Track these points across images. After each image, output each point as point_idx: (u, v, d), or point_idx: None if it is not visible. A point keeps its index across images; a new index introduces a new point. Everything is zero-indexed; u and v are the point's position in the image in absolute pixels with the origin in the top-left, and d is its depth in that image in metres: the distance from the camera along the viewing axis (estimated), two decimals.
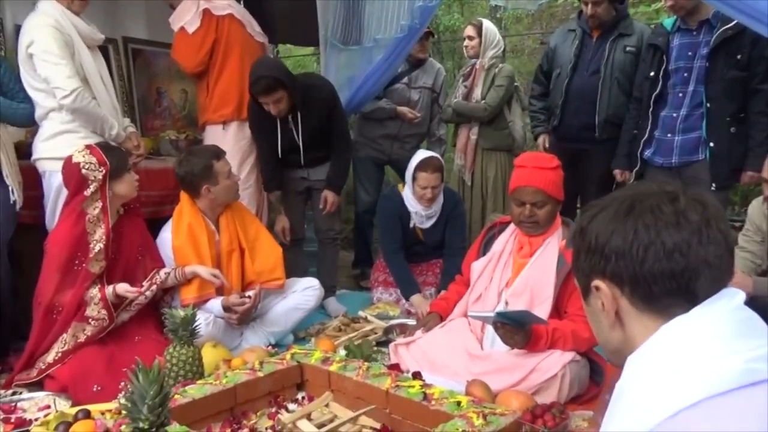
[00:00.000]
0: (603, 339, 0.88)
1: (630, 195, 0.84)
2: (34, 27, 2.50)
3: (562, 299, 2.21)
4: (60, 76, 2.47)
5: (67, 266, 2.34)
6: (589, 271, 0.85)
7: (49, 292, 2.33)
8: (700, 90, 2.80)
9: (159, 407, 1.35)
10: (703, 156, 2.82)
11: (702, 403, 0.67)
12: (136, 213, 2.63)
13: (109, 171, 2.37)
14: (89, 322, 2.33)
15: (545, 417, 1.81)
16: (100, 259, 2.37)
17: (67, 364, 2.26)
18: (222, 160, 2.69)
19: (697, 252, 0.77)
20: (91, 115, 2.57)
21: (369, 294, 3.51)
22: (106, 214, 2.38)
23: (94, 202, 2.37)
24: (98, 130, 2.62)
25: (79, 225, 2.35)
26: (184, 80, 3.91)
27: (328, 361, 2.08)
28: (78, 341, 2.31)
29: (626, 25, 3.24)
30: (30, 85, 2.56)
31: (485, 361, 2.19)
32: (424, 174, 3.10)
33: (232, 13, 3.14)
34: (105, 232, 2.37)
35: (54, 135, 2.56)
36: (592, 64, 3.25)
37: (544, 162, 2.26)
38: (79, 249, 2.35)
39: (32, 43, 2.47)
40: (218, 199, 2.70)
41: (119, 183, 2.41)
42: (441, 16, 7.40)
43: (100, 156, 2.37)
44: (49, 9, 2.54)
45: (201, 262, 2.62)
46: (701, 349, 0.72)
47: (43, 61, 2.47)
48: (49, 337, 2.33)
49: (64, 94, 2.48)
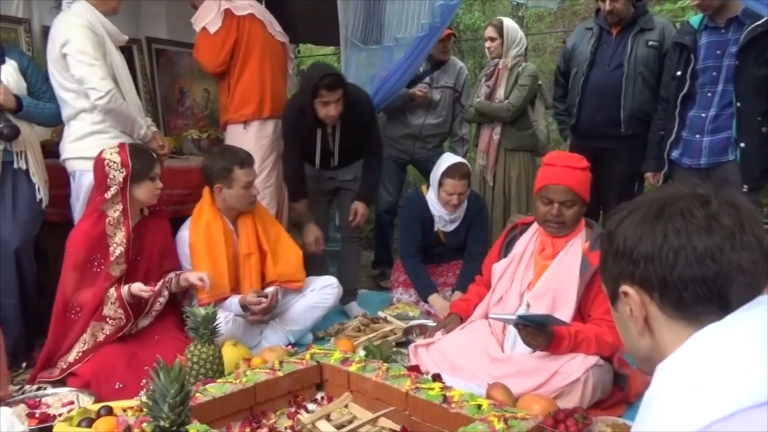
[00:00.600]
0: (632, 346, 0.86)
1: (660, 198, 0.82)
2: (68, 27, 2.52)
3: (586, 303, 2.17)
4: (95, 76, 2.49)
5: (84, 265, 2.35)
6: (617, 276, 0.83)
7: (67, 290, 2.36)
8: (730, 89, 2.74)
9: (180, 406, 1.35)
10: (733, 157, 2.76)
11: (736, 415, 0.65)
12: (161, 215, 2.64)
13: (130, 174, 2.37)
14: (107, 321, 2.35)
15: (567, 422, 1.79)
16: (121, 263, 2.38)
17: (89, 362, 2.29)
18: (245, 169, 2.67)
19: (729, 257, 0.75)
20: (123, 115, 2.60)
21: (389, 294, 3.50)
22: (127, 218, 2.39)
23: (115, 205, 2.38)
24: (128, 130, 2.65)
25: (99, 226, 2.37)
26: (206, 80, 3.95)
27: (348, 362, 2.08)
28: (97, 340, 2.34)
29: (646, 20, 3.22)
30: (61, 86, 2.57)
31: (506, 364, 2.16)
32: (451, 181, 3.09)
33: (253, 13, 3.15)
34: (125, 235, 2.38)
35: (84, 135, 2.59)
36: (614, 60, 3.22)
37: (574, 161, 2.23)
38: (98, 250, 2.36)
39: (67, 42, 2.48)
40: (228, 202, 2.70)
41: (138, 188, 2.41)
42: (462, 14, 7.37)
43: (125, 157, 2.38)
44: (81, 10, 2.56)
45: (215, 261, 2.63)
46: (735, 358, 0.69)
47: (78, 62, 2.49)
48: (69, 336, 2.36)
49: (99, 95, 2.50)
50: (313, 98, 2.92)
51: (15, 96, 2.48)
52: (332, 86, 2.89)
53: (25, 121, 2.53)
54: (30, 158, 2.53)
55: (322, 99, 2.92)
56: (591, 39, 3.29)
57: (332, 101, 2.92)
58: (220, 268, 2.64)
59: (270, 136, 3.23)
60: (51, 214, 2.72)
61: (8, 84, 2.48)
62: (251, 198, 2.74)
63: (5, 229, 2.48)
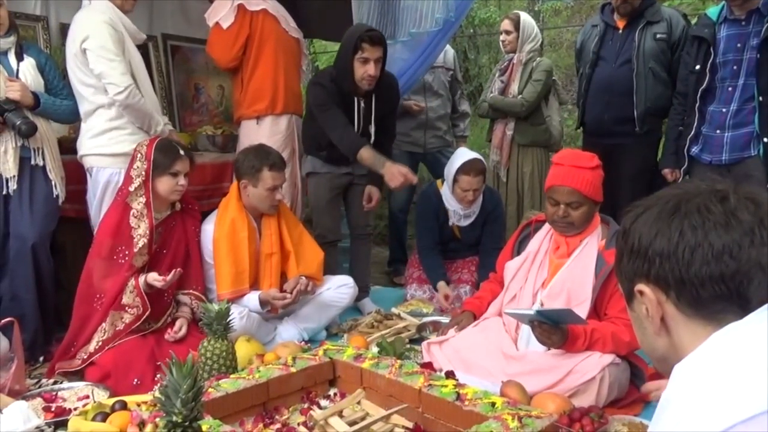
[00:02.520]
0: (648, 346, 0.84)
1: (676, 194, 0.80)
2: (89, 22, 2.54)
3: (601, 301, 2.14)
4: (115, 72, 2.52)
5: (109, 254, 2.39)
6: (633, 275, 0.81)
7: (92, 278, 2.40)
8: (751, 83, 2.67)
9: (192, 401, 1.35)
10: (755, 152, 2.69)
11: (758, 417, 0.62)
12: (193, 214, 2.66)
13: (151, 166, 2.40)
14: (126, 309, 2.37)
15: (583, 421, 1.77)
16: (144, 254, 2.41)
17: (109, 354, 2.31)
18: (274, 172, 2.66)
19: (749, 254, 0.73)
20: (141, 111, 2.62)
21: (402, 291, 3.49)
22: (150, 209, 2.41)
23: (138, 197, 2.42)
24: (145, 126, 2.67)
25: (124, 216, 2.41)
26: (221, 76, 3.96)
27: (361, 358, 2.07)
28: (116, 329, 2.36)
29: (653, 11, 3.14)
30: (80, 81, 2.59)
31: (521, 362, 2.14)
32: (466, 177, 3.08)
33: (266, 8, 3.15)
34: (149, 227, 2.41)
35: (102, 132, 2.61)
36: (621, 56, 3.17)
37: (582, 161, 2.18)
38: (122, 240, 2.40)
39: (88, 38, 2.50)
40: (250, 200, 2.71)
41: (159, 182, 2.44)
42: (477, 9, 7.30)
43: (150, 150, 2.43)
44: (101, 6, 2.58)
45: (237, 258, 2.64)
46: (756, 359, 0.67)
47: (98, 57, 2.51)
48: (90, 325, 2.39)
49: (118, 90, 2.52)
50: (353, 54, 2.85)
51: (33, 93, 2.50)
52: (375, 41, 2.85)
53: (42, 117, 2.55)
54: (47, 154, 2.56)
55: (362, 54, 2.85)
56: (596, 36, 3.24)
57: (372, 59, 2.86)
58: (241, 265, 2.65)
59: (283, 132, 3.23)
60: (68, 210, 2.75)
61: (26, 81, 2.51)
62: (274, 202, 2.72)
63: (23, 224, 2.51)
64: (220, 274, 2.63)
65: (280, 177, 2.70)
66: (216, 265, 2.65)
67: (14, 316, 2.25)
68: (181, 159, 2.47)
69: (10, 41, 2.51)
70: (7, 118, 2.40)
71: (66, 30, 3.19)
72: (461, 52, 7.07)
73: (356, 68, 2.88)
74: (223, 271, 2.63)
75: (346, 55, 2.89)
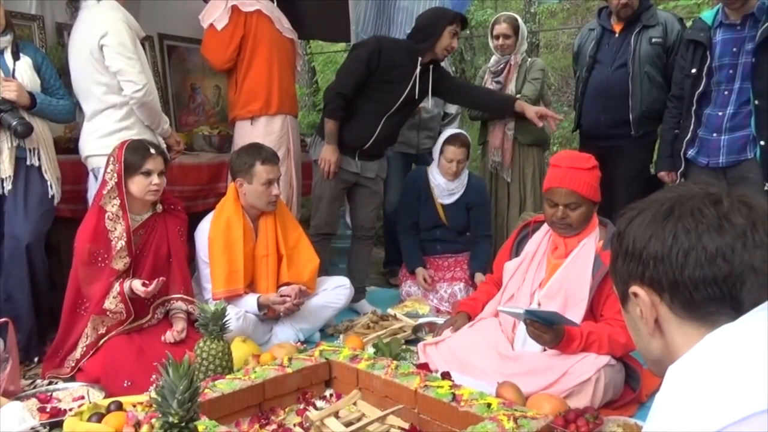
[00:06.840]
0: (642, 348, 0.85)
1: (670, 197, 0.80)
2: (107, 19, 2.52)
3: (598, 302, 2.15)
4: (133, 70, 2.52)
5: (89, 260, 2.35)
6: (627, 277, 0.82)
7: (76, 285, 2.37)
8: (747, 87, 2.69)
9: (188, 402, 1.36)
10: (752, 154, 2.71)
11: (750, 419, 0.63)
12: (178, 215, 2.59)
13: (122, 167, 2.36)
14: (107, 314, 2.33)
15: (578, 422, 1.77)
16: (124, 256, 2.37)
17: (96, 358, 2.29)
18: (267, 166, 2.66)
19: (742, 257, 0.73)
20: (154, 109, 2.63)
21: (398, 291, 3.50)
22: (125, 211, 2.37)
23: (112, 199, 2.37)
24: (154, 124, 2.67)
25: (100, 220, 2.36)
26: (217, 76, 3.96)
27: (357, 359, 2.08)
28: (98, 333, 2.33)
29: (649, 16, 3.16)
30: (92, 79, 2.57)
31: (516, 363, 2.15)
32: (451, 147, 3.29)
33: (260, 9, 3.15)
34: (125, 229, 2.37)
35: (111, 132, 2.59)
36: (618, 59, 3.18)
37: (580, 162, 2.20)
38: (100, 244, 2.35)
39: (106, 34, 2.49)
40: (247, 198, 2.71)
41: (131, 182, 2.38)
42: (474, 11, 7.33)
43: (120, 151, 2.38)
44: (112, 4, 2.58)
45: (231, 258, 2.64)
46: (749, 360, 0.68)
47: (117, 54, 2.50)
48: (75, 332, 2.36)
49: (137, 88, 2.52)
50: (448, 24, 3.03)
51: (29, 92, 2.49)
52: (465, 25, 3.19)
53: (38, 117, 2.54)
54: (43, 155, 2.54)
55: (455, 28, 3.06)
56: (593, 39, 3.26)
57: (459, 36, 3.13)
58: (235, 265, 2.65)
59: (277, 132, 3.22)
60: (63, 210, 2.74)
61: (23, 80, 2.49)
62: (271, 198, 2.71)
63: (17, 224, 2.50)
64: (214, 273, 2.63)
65: (273, 170, 2.70)
66: (211, 264, 2.65)
67: (9, 316, 2.24)
68: (152, 157, 2.40)
69: (6, 40, 2.50)
70: (2, 119, 2.39)
71: (62, 29, 3.20)
72: (457, 54, 7.09)
73: (444, 37, 3.05)
74: (218, 270, 2.63)
75: (438, 22, 3.05)
